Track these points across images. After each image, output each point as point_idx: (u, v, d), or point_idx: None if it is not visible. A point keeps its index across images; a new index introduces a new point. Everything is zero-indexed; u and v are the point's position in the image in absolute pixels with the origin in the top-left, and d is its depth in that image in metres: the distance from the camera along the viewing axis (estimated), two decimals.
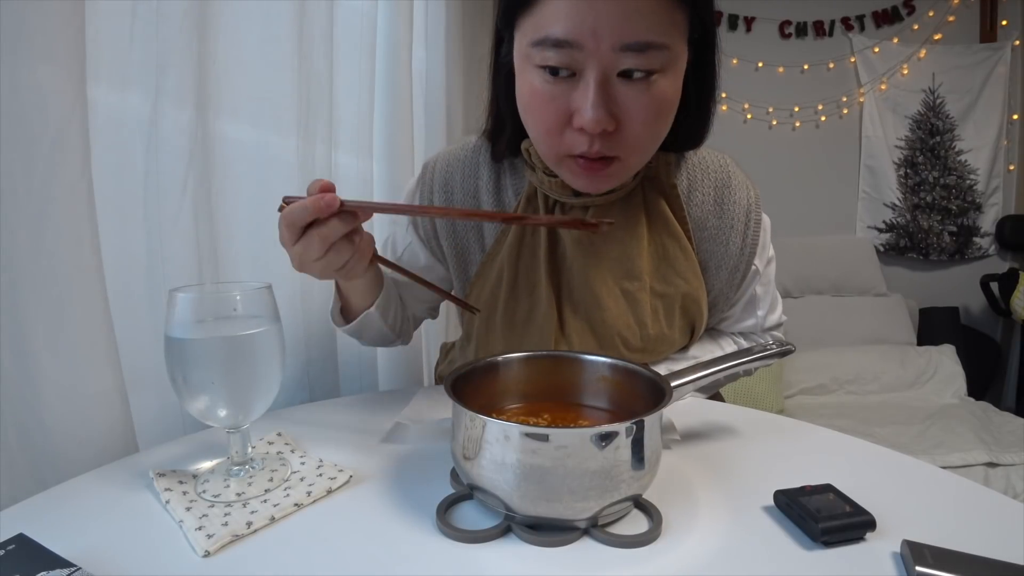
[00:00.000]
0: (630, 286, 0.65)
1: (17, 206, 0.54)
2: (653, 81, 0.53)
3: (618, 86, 0.53)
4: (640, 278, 0.65)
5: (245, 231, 0.88)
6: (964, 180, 2.75)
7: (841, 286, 2.63)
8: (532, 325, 0.68)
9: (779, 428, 0.67)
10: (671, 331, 0.68)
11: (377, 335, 0.78)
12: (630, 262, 0.65)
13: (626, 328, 0.66)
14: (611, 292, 0.65)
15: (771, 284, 0.76)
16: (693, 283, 0.67)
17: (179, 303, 0.49)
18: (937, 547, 0.40)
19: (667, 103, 0.55)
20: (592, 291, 0.65)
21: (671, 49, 0.52)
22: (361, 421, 0.68)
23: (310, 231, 0.53)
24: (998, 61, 2.69)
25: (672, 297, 0.67)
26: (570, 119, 0.55)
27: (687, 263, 0.67)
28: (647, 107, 0.53)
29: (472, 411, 0.44)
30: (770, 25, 2.73)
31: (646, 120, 0.54)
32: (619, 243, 0.65)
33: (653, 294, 0.66)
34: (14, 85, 0.53)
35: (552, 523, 0.44)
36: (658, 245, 0.66)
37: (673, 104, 0.56)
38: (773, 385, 2.11)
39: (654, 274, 0.66)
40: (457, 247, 0.73)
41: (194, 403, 0.50)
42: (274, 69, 0.88)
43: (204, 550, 0.43)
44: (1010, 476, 1.63)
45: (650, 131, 0.56)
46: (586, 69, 0.52)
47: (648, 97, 0.53)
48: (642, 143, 0.57)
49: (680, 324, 0.69)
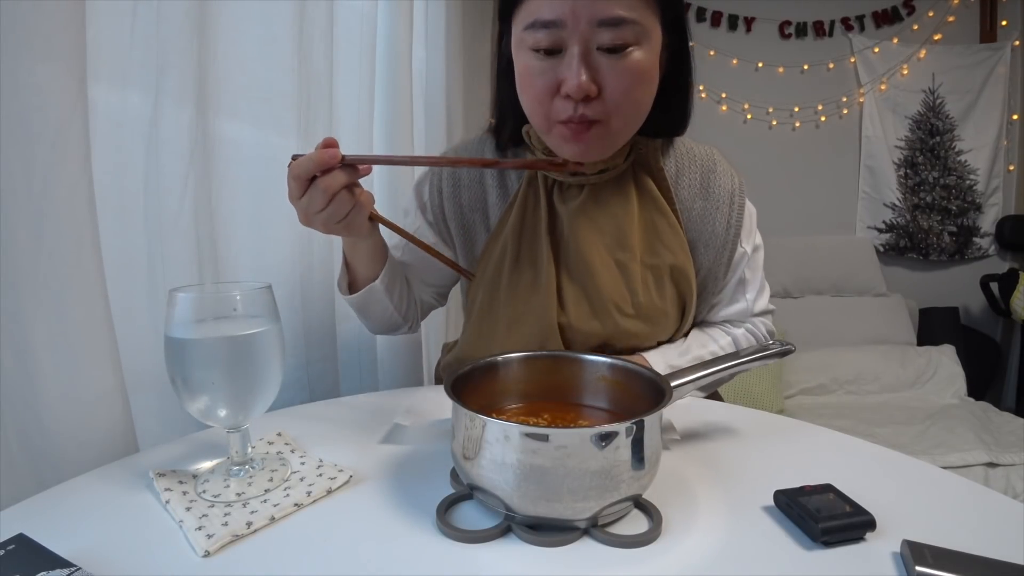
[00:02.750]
0: (622, 256, 0.71)
1: (17, 206, 0.54)
2: (629, 53, 0.60)
3: (599, 58, 0.60)
4: (631, 250, 0.71)
5: (245, 231, 0.88)
6: (964, 180, 2.75)
7: (841, 286, 2.63)
8: (535, 294, 0.72)
9: (779, 428, 0.67)
10: (662, 302, 0.72)
11: (383, 315, 0.80)
12: (622, 235, 0.71)
13: (618, 295, 0.71)
14: (604, 262, 0.70)
15: (759, 271, 0.81)
16: (680, 256, 0.72)
17: (179, 303, 0.49)
18: (937, 547, 0.40)
19: (642, 73, 0.62)
20: (586, 261, 0.70)
21: (642, 25, 0.60)
22: (361, 421, 0.68)
23: (315, 183, 0.59)
24: (998, 61, 2.69)
25: (661, 268, 0.72)
26: (558, 89, 0.62)
27: (675, 238, 0.72)
28: (623, 74, 0.61)
29: (472, 411, 0.44)
30: (770, 25, 2.73)
31: (624, 87, 0.61)
32: (612, 218, 0.71)
33: (643, 265, 0.72)
34: (14, 85, 0.53)
35: (552, 523, 0.44)
36: (647, 221, 0.72)
37: (649, 75, 0.63)
38: (773, 385, 2.11)
39: (644, 247, 0.72)
40: (464, 228, 0.78)
41: (194, 403, 0.50)
42: (274, 69, 0.88)
43: (204, 550, 0.43)
44: (1010, 476, 1.63)
45: (628, 98, 0.63)
46: (570, 44, 0.60)
47: (624, 66, 0.60)
48: (622, 108, 0.63)
49: (671, 296, 0.73)
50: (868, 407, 2.14)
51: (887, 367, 2.28)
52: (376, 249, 0.74)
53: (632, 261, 0.71)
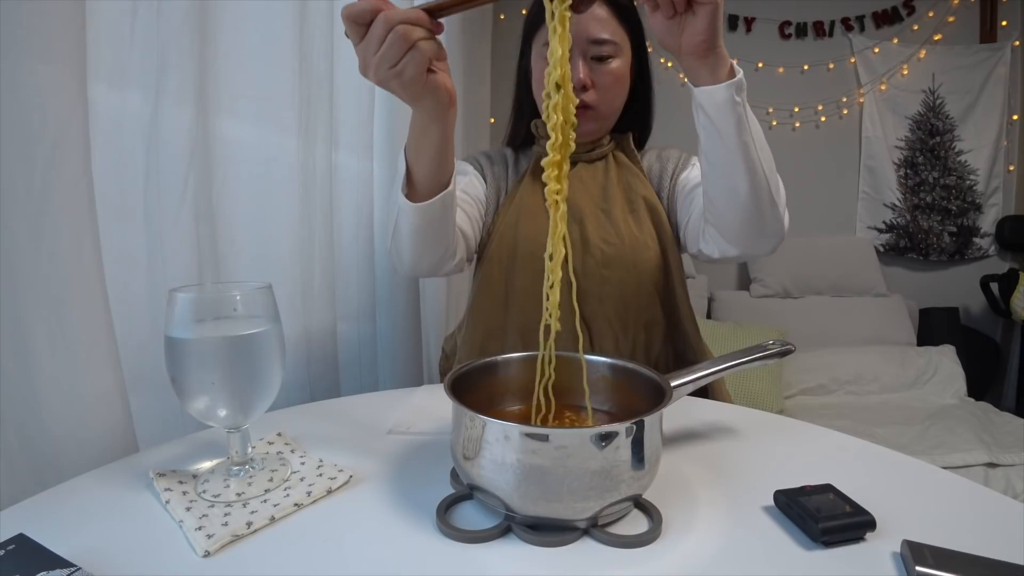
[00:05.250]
0: (605, 207, 0.89)
1: (17, 206, 0.54)
2: (610, 61, 0.85)
3: (591, 64, 0.85)
4: (612, 201, 0.90)
5: (245, 231, 0.88)
6: (964, 180, 2.74)
7: (841, 286, 2.63)
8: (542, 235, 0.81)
9: (779, 428, 0.67)
10: (641, 234, 0.88)
11: (445, 235, 0.76)
12: (605, 193, 0.90)
13: (604, 232, 0.88)
14: (592, 213, 0.89)
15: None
16: (651, 196, 0.91)
17: (179, 303, 0.49)
18: (937, 547, 0.40)
19: (620, 76, 0.87)
20: (579, 212, 0.88)
21: (619, 44, 0.85)
22: (361, 421, 0.68)
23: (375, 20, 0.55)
24: (998, 61, 2.69)
25: (637, 204, 0.90)
26: None
27: (645, 187, 0.92)
28: (607, 75, 0.85)
29: (472, 411, 0.44)
30: (770, 25, 2.73)
31: (607, 84, 0.86)
32: (596, 181, 0.92)
33: (623, 210, 0.89)
34: (14, 85, 0.53)
35: (552, 523, 0.44)
36: (624, 181, 0.92)
37: (623, 78, 0.88)
38: (773, 385, 2.11)
39: (623, 199, 0.90)
40: (495, 180, 0.96)
41: (194, 403, 0.50)
42: (274, 69, 0.88)
43: (204, 550, 0.43)
44: (1010, 476, 1.63)
45: (610, 92, 0.87)
46: (574, 55, 0.83)
47: (607, 69, 0.85)
48: (606, 98, 0.87)
49: (648, 228, 0.89)
50: (868, 407, 2.14)
51: (887, 367, 2.28)
52: (446, 144, 0.68)
53: (614, 208, 0.89)
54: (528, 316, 0.87)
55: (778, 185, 0.71)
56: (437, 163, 0.70)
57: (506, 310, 0.89)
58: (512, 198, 0.92)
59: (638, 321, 0.87)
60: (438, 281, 1.32)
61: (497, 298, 0.89)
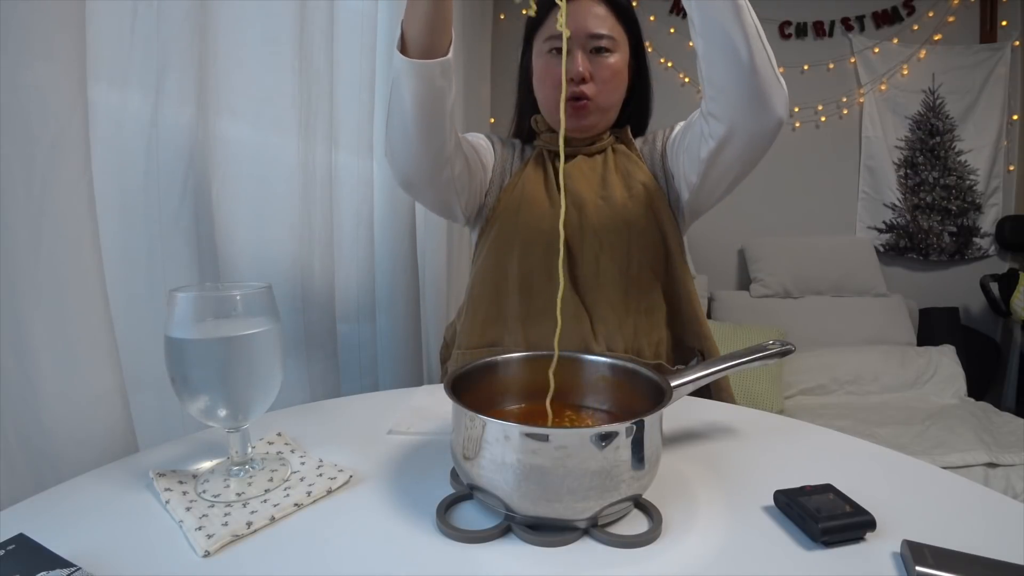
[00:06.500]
0: (604, 194, 0.92)
1: (17, 206, 0.54)
2: (608, 57, 0.89)
3: (591, 57, 0.89)
4: (612, 188, 0.92)
5: (245, 231, 0.88)
6: (964, 180, 2.74)
7: (841, 286, 2.63)
8: (543, 221, 0.91)
9: (779, 428, 0.67)
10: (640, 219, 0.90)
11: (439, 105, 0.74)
12: (604, 181, 0.93)
13: (603, 218, 0.90)
14: (592, 199, 0.91)
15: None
16: (649, 182, 0.93)
17: (179, 303, 0.49)
18: (937, 547, 0.40)
19: (617, 70, 0.91)
20: (580, 200, 0.90)
21: (617, 40, 0.90)
22: (361, 421, 0.68)
23: None
24: (998, 61, 2.69)
25: (636, 190, 0.92)
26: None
27: (643, 172, 0.94)
28: (605, 68, 0.89)
29: (472, 411, 0.44)
30: (770, 25, 2.73)
31: (605, 78, 0.90)
32: (595, 171, 0.94)
33: (623, 196, 0.91)
34: (14, 85, 0.53)
35: (552, 523, 0.44)
36: (623, 168, 0.94)
37: (621, 72, 0.91)
38: (773, 385, 2.11)
39: (622, 185, 0.92)
40: (502, 161, 0.98)
41: (194, 403, 0.50)
42: (274, 69, 0.88)
43: (204, 550, 0.43)
44: (1010, 476, 1.63)
45: (608, 86, 0.90)
46: (574, 49, 0.89)
47: (605, 63, 0.89)
48: (604, 91, 0.90)
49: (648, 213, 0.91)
50: (868, 407, 2.13)
51: (887, 367, 2.28)
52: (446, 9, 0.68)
53: (614, 194, 0.91)
54: (527, 302, 0.89)
55: (772, 55, 0.72)
56: (432, 22, 0.68)
57: (506, 296, 0.91)
58: (514, 185, 0.94)
59: (639, 306, 0.88)
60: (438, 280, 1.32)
61: (497, 284, 0.91)
